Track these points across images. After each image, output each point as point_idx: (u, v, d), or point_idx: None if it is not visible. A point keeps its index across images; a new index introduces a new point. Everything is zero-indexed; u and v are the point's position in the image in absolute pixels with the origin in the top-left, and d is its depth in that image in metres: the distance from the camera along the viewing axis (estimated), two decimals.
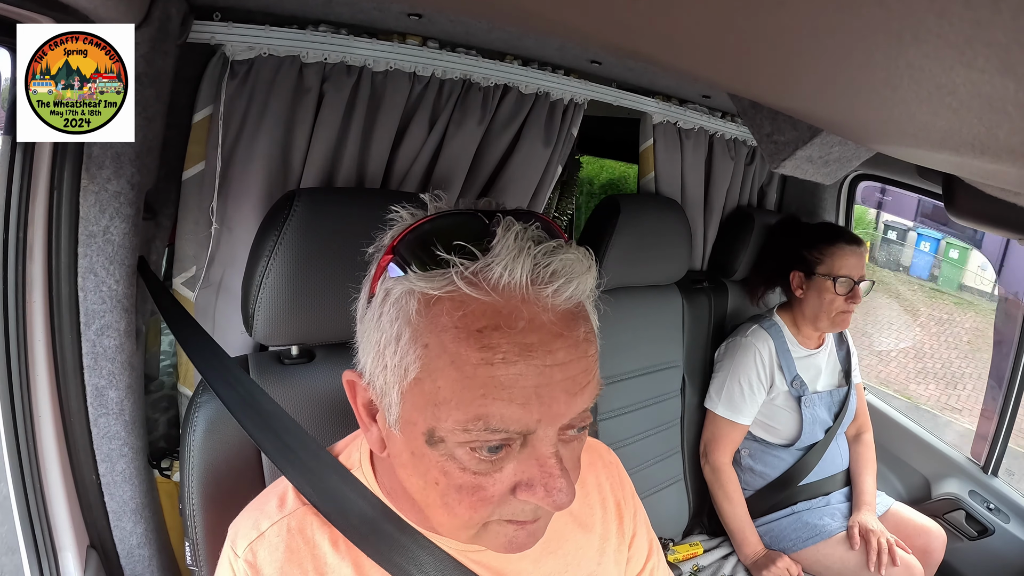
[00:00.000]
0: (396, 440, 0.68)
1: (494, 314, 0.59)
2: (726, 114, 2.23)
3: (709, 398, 2.18)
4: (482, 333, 0.59)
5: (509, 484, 0.64)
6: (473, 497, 0.63)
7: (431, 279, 0.60)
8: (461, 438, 0.61)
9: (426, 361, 0.61)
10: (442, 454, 0.63)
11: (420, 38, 1.48)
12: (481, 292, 0.58)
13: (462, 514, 0.65)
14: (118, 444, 1.16)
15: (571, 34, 0.62)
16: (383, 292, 0.65)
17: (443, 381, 0.60)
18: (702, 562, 2.12)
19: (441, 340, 0.60)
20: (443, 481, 0.64)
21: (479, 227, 0.63)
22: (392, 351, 0.63)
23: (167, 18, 1.04)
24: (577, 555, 0.90)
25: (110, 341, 1.12)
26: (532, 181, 1.75)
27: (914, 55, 0.33)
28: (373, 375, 0.67)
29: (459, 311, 0.59)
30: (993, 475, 2.30)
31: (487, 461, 0.62)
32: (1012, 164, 0.45)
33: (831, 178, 0.85)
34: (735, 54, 0.47)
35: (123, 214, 1.08)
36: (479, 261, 0.59)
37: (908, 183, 2.34)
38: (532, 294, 0.60)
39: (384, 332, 0.64)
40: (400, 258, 0.64)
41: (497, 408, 0.59)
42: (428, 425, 0.62)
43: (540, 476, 0.63)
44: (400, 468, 0.70)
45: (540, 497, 0.63)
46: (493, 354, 0.58)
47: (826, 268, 2.05)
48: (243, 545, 0.77)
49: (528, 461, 0.63)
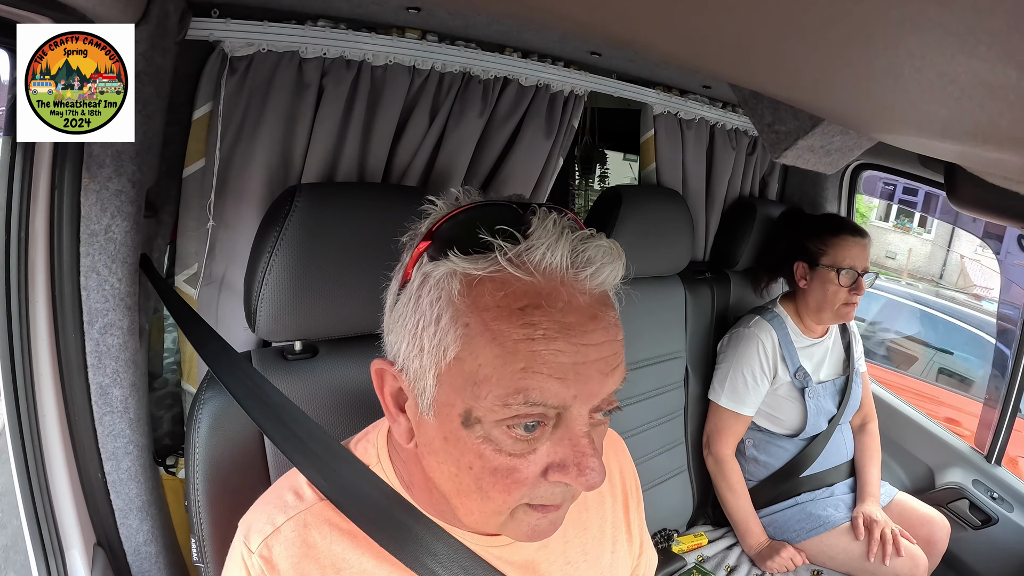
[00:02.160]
0: (427, 427, 0.68)
1: (535, 294, 0.61)
2: (727, 104, 2.23)
3: (712, 389, 2.18)
4: (524, 311, 0.61)
5: (542, 466, 0.65)
6: (508, 479, 0.65)
7: (474, 261, 0.62)
8: (500, 415, 0.62)
9: (467, 340, 0.62)
10: (478, 436, 0.64)
11: (419, 31, 1.48)
12: (524, 272, 0.61)
13: (496, 498, 0.66)
14: (123, 442, 1.16)
15: (571, 25, 0.62)
16: (420, 276, 0.66)
17: (484, 358, 0.62)
18: (706, 553, 2.12)
19: (483, 319, 0.62)
20: (478, 464, 0.65)
21: (514, 216, 0.65)
22: (431, 333, 0.64)
23: (165, 15, 1.04)
24: (593, 543, 0.91)
25: (113, 339, 1.12)
26: (533, 173, 1.75)
27: (915, 44, 0.32)
28: (407, 360, 0.67)
29: (501, 291, 0.61)
30: (997, 464, 2.30)
31: (523, 441, 0.64)
32: (1014, 153, 0.45)
33: (833, 168, 0.85)
34: (736, 44, 0.47)
35: (124, 212, 1.08)
36: (521, 244, 0.62)
37: (910, 172, 2.33)
38: (570, 276, 0.62)
39: (423, 315, 0.65)
40: (440, 243, 0.65)
41: (537, 381, 0.61)
42: (466, 405, 0.63)
43: (573, 456, 0.64)
44: (430, 456, 0.70)
45: (573, 477, 0.65)
46: (534, 330, 0.61)
47: (830, 259, 2.04)
48: (257, 541, 0.76)
49: (561, 442, 0.65)
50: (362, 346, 1.21)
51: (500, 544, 0.82)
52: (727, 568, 2.07)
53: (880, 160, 2.39)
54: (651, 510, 2.11)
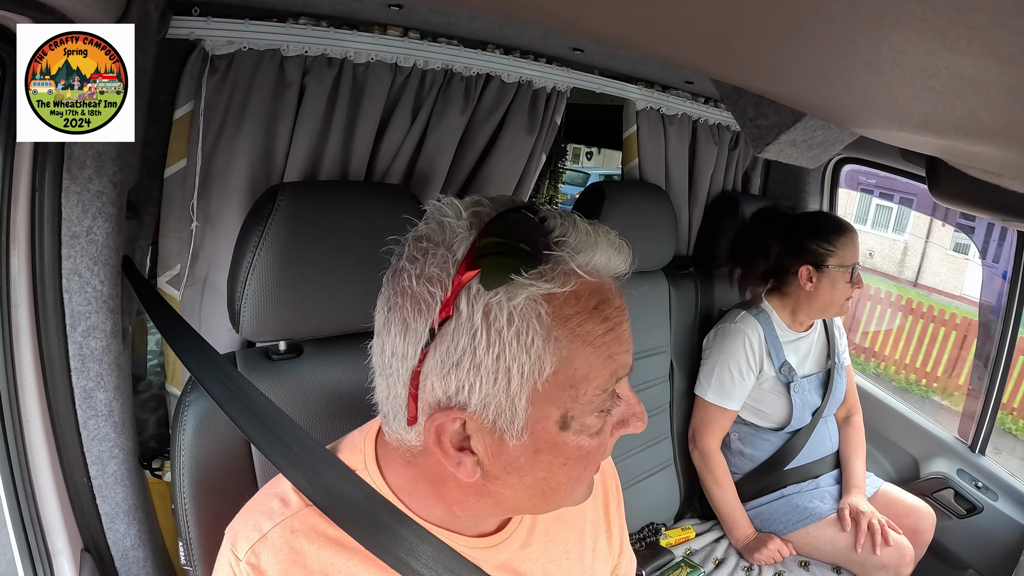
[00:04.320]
0: (510, 450, 0.69)
1: (599, 290, 0.68)
2: (709, 99, 2.23)
3: (699, 384, 2.18)
4: (598, 309, 0.67)
5: (611, 429, 0.73)
6: (597, 455, 0.73)
7: (549, 279, 0.64)
8: (598, 404, 0.69)
9: (558, 351, 0.65)
10: (575, 431, 0.69)
11: (401, 29, 1.48)
12: (592, 276, 0.67)
13: (586, 477, 0.75)
14: (108, 446, 1.15)
15: (553, 21, 0.62)
16: (481, 308, 0.63)
17: (580, 361, 0.66)
18: (694, 546, 2.13)
19: (569, 327, 0.65)
20: (574, 456, 0.70)
21: (533, 223, 0.68)
22: (522, 361, 0.64)
23: (145, 14, 1.03)
24: (574, 542, 0.91)
25: (97, 342, 1.11)
26: (516, 170, 1.75)
27: (897, 39, 0.33)
28: (487, 397, 0.65)
29: (576, 299, 0.66)
30: (980, 454, 2.33)
31: (604, 415, 0.71)
32: (995, 146, 0.46)
33: (815, 162, 0.85)
34: (718, 40, 0.47)
35: (106, 214, 1.07)
36: (582, 254, 0.66)
37: (892, 166, 2.35)
38: (609, 269, 0.70)
39: (506, 346, 0.63)
40: (497, 269, 0.63)
41: (621, 359, 0.69)
42: (563, 410, 0.67)
43: (630, 409, 0.75)
44: (507, 475, 0.71)
45: (634, 426, 0.76)
46: (609, 322, 0.67)
47: (838, 260, 2.04)
48: (244, 548, 0.75)
49: (618, 404, 0.73)
50: (347, 345, 1.20)
51: (485, 545, 0.82)
52: (715, 561, 2.08)
53: (862, 154, 2.41)
54: (638, 505, 2.13)
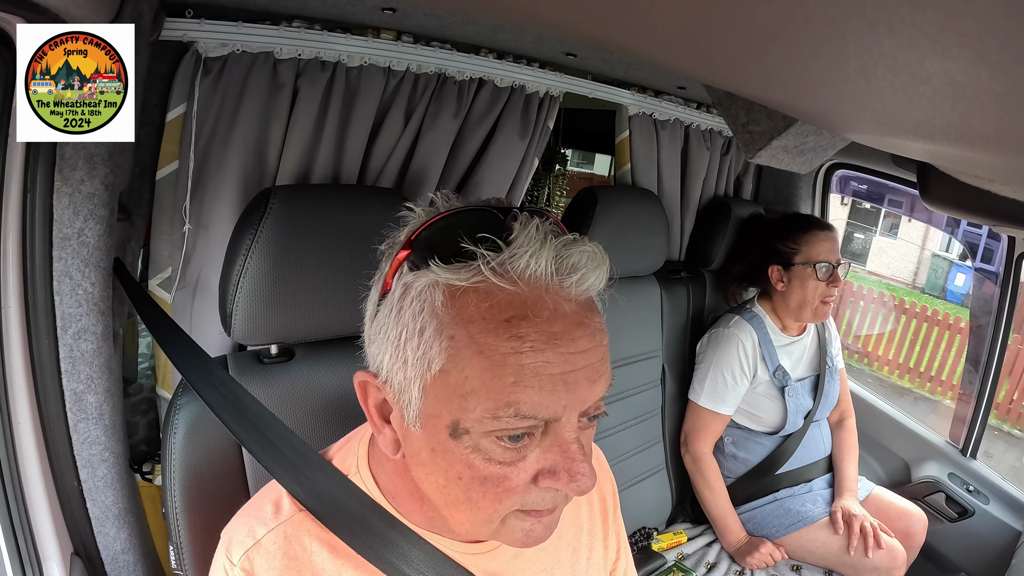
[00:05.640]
0: (414, 438, 0.67)
1: (521, 304, 0.60)
2: (701, 105, 2.24)
3: (692, 389, 2.19)
4: (510, 323, 0.60)
5: (532, 473, 0.65)
6: (498, 488, 0.64)
7: (457, 271, 0.61)
8: (489, 427, 0.61)
9: (452, 352, 0.61)
10: (467, 446, 0.63)
11: (394, 32, 1.48)
12: (508, 282, 0.60)
13: (486, 507, 0.66)
14: (98, 449, 1.15)
15: (547, 26, 0.62)
16: (401, 287, 0.65)
17: (471, 371, 0.61)
18: (686, 550, 2.14)
19: (468, 331, 0.60)
20: (467, 475, 0.64)
21: (495, 222, 0.64)
22: (414, 345, 0.63)
23: (139, 15, 1.03)
24: (568, 551, 0.91)
25: (87, 345, 1.10)
26: (509, 174, 1.75)
27: (888, 45, 0.33)
28: (391, 372, 0.66)
29: (486, 302, 0.60)
30: (972, 458, 2.34)
31: (512, 450, 0.63)
32: (985, 151, 0.46)
33: (807, 167, 0.86)
34: (710, 45, 0.47)
35: (97, 215, 1.06)
36: (504, 252, 0.60)
37: (883, 171, 2.36)
38: (555, 284, 0.61)
39: (406, 326, 0.63)
40: (420, 252, 0.64)
41: (527, 395, 0.60)
42: (453, 417, 0.62)
43: (563, 462, 0.64)
44: (417, 467, 0.69)
45: (564, 483, 0.64)
46: (522, 343, 0.60)
47: (803, 257, 2.07)
48: (239, 553, 0.75)
49: (551, 449, 0.64)
50: (339, 349, 1.20)
51: (479, 551, 0.81)
52: (707, 565, 2.08)
53: (853, 159, 2.43)
54: (630, 509, 2.13)
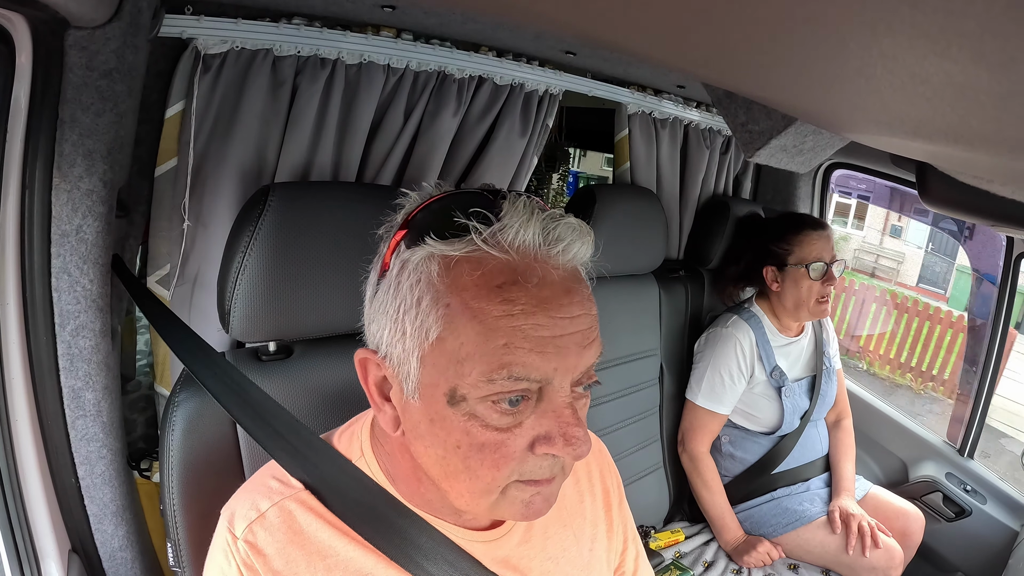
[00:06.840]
0: (413, 411, 0.70)
1: (511, 271, 0.64)
2: (701, 104, 2.25)
3: (690, 388, 2.19)
4: (502, 288, 0.63)
5: (528, 439, 0.67)
6: (496, 455, 0.66)
7: (451, 243, 0.64)
8: (484, 391, 0.64)
9: (448, 320, 0.64)
10: (464, 413, 0.66)
11: (394, 30, 1.48)
12: (499, 251, 0.64)
13: (484, 475, 0.68)
14: (96, 446, 1.15)
15: (546, 24, 0.62)
16: (399, 263, 0.68)
17: (466, 336, 0.64)
18: (684, 549, 2.14)
19: (463, 298, 0.64)
20: (465, 442, 0.67)
21: (486, 201, 0.67)
22: (412, 316, 0.66)
23: (138, 12, 1.03)
24: (572, 540, 0.91)
25: (85, 342, 1.10)
26: (508, 172, 1.75)
27: (888, 44, 0.33)
28: (390, 347, 0.69)
29: (478, 270, 0.64)
30: (969, 457, 2.35)
31: (508, 415, 0.65)
32: (985, 152, 0.46)
33: (806, 167, 0.86)
34: (709, 44, 0.47)
35: (96, 212, 1.06)
36: (495, 224, 0.64)
37: (882, 171, 2.36)
38: (543, 253, 0.65)
39: (403, 299, 0.67)
40: (416, 230, 0.68)
41: (519, 356, 0.63)
42: (450, 384, 0.65)
43: (558, 427, 0.67)
44: (417, 441, 0.71)
45: (560, 447, 0.67)
46: (513, 306, 0.63)
47: (797, 257, 2.07)
48: (242, 526, 0.76)
49: (545, 415, 0.67)
50: (337, 346, 1.20)
51: (484, 539, 0.82)
52: (704, 564, 2.08)
53: (852, 159, 2.43)
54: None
